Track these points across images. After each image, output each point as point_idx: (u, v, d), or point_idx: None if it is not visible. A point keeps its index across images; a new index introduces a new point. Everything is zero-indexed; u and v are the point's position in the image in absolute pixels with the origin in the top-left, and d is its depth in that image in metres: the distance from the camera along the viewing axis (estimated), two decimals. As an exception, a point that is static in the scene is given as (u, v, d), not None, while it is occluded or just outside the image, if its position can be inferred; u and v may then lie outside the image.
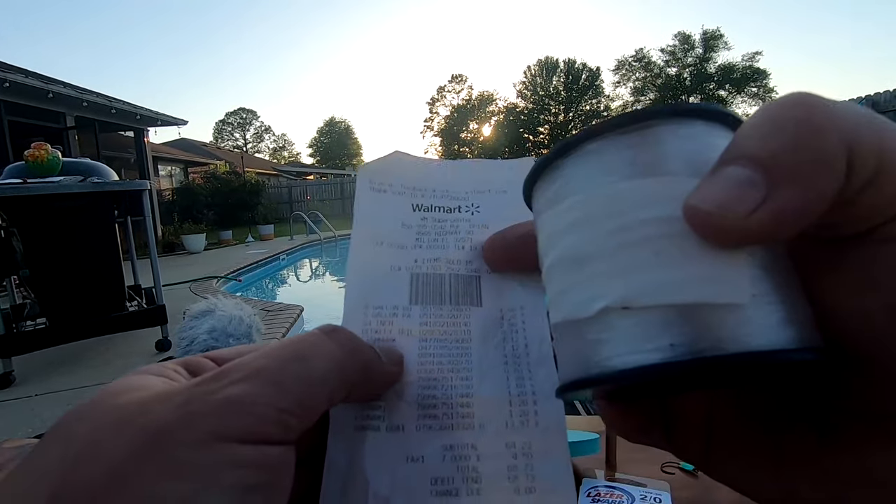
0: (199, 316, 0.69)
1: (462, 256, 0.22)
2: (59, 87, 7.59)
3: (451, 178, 0.24)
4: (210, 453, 0.13)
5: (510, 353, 0.20)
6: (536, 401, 0.19)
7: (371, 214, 0.23)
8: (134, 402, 0.14)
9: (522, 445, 0.18)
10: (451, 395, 0.19)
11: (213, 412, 0.13)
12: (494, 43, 76.20)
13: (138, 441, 0.13)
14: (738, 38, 57.96)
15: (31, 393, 2.63)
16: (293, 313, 3.66)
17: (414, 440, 0.18)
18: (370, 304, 0.21)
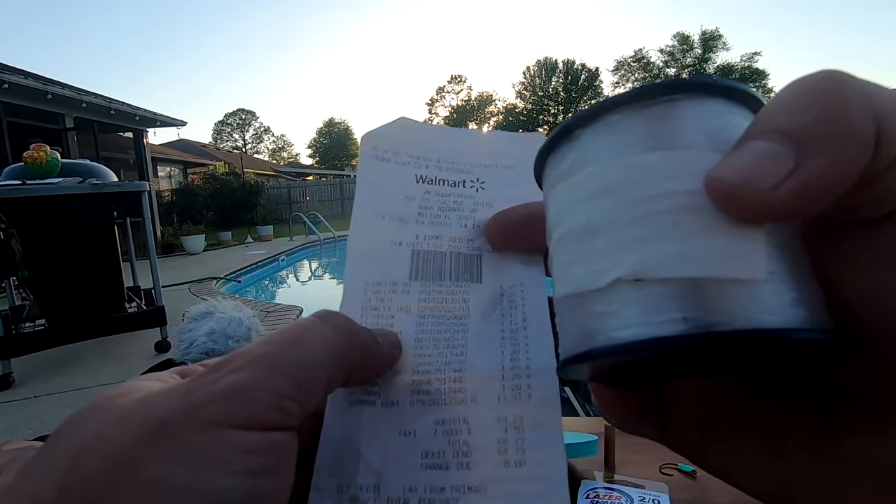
0: (199, 318, 0.69)
1: (464, 234, 0.22)
2: (57, 88, 7.59)
3: (458, 148, 0.24)
4: (215, 440, 0.13)
5: (507, 328, 0.20)
6: (530, 374, 0.19)
7: (373, 185, 0.22)
8: (136, 399, 0.14)
9: (514, 419, 0.18)
10: (445, 371, 0.19)
11: (214, 400, 0.13)
12: (493, 43, 76.27)
13: (143, 431, 0.13)
14: (737, 39, 58.08)
15: (30, 394, 2.63)
16: (293, 314, 3.66)
17: (407, 415, 0.18)
18: (370, 280, 0.21)
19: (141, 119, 9.85)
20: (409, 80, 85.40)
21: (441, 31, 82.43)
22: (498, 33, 76.91)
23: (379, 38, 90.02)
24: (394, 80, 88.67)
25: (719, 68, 30.95)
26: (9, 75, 6.71)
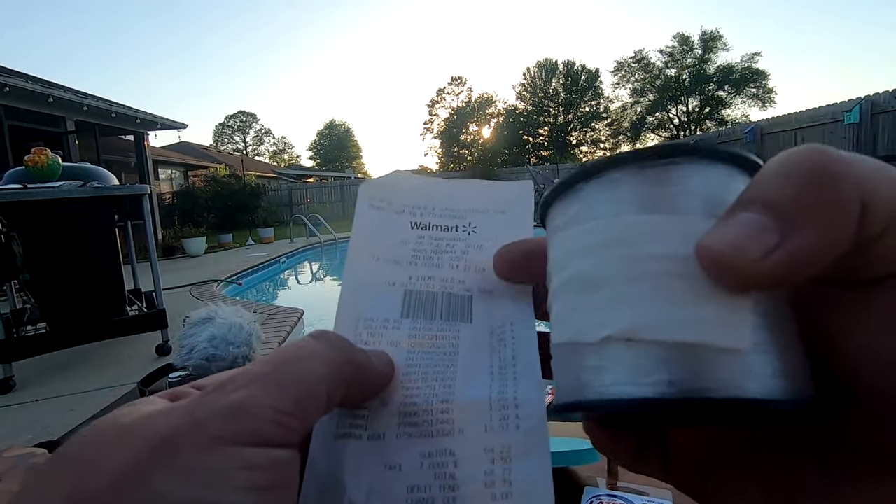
0: (199, 323, 0.68)
1: (456, 275, 0.23)
2: (59, 91, 7.60)
3: (451, 196, 0.25)
4: (219, 456, 0.13)
5: (496, 364, 0.20)
6: (518, 404, 0.19)
7: (369, 231, 0.23)
8: (137, 419, 0.14)
9: (501, 450, 0.18)
10: (432, 402, 0.19)
11: (216, 418, 0.14)
12: (494, 45, 76.33)
13: (148, 448, 0.13)
14: (737, 39, 58.11)
15: (31, 398, 2.63)
16: (294, 316, 3.65)
17: (393, 448, 0.18)
18: (362, 316, 0.21)
19: (142, 122, 9.86)
20: (410, 81, 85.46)
21: (441, 32, 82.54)
22: (498, 35, 77.00)
23: (379, 39, 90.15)
24: (394, 82, 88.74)
25: (719, 69, 30.87)
26: (10, 79, 6.72)
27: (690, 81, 31.64)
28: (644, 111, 33.83)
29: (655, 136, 33.76)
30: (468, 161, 35.18)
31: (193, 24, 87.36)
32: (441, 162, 40.27)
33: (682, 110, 32.75)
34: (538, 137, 37.30)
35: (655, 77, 32.87)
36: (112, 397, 0.90)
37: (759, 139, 10.27)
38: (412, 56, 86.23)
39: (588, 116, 36.76)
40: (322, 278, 7.94)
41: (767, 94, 30.17)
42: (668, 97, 32.50)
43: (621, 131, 35.67)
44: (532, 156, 36.40)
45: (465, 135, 39.23)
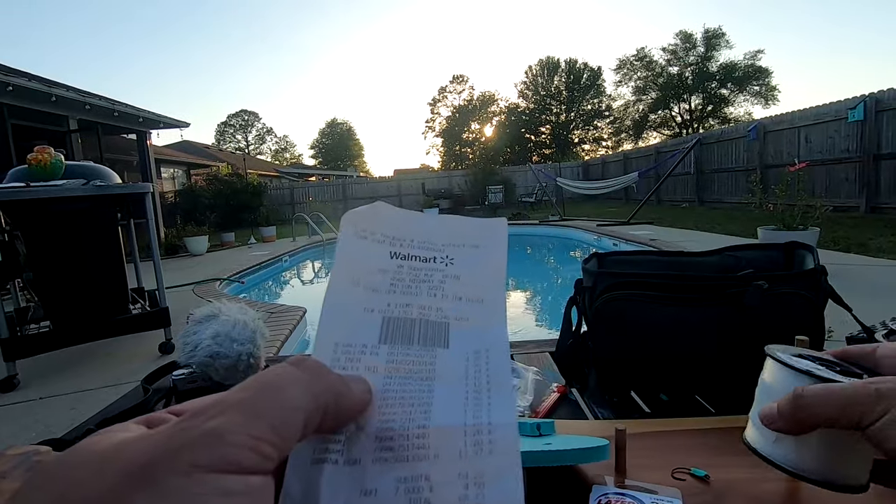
0: (203, 321, 0.68)
1: (433, 303, 0.23)
2: (61, 90, 7.62)
3: (429, 230, 0.26)
4: (195, 483, 0.13)
5: (471, 388, 0.21)
6: (491, 430, 0.19)
7: (351, 257, 0.24)
8: (112, 446, 0.15)
9: (475, 475, 0.18)
10: (408, 427, 0.19)
11: (193, 445, 0.14)
12: (495, 43, 76.20)
13: (125, 475, 0.13)
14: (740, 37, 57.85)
15: (34, 396, 2.64)
16: (296, 315, 3.65)
17: (369, 473, 0.18)
18: (340, 341, 0.21)
19: (144, 121, 9.88)
20: (412, 80, 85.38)
21: (443, 31, 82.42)
22: (500, 33, 76.86)
23: (381, 38, 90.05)
24: (396, 81, 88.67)
25: (722, 66, 30.73)
26: (13, 78, 6.74)
27: (693, 79, 31.53)
28: (646, 109, 33.75)
29: (658, 134, 33.69)
30: (470, 160, 35.11)
31: (195, 24, 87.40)
32: (443, 161, 40.24)
33: (685, 108, 32.65)
34: (540, 136, 37.25)
35: (658, 75, 32.77)
36: (115, 395, 0.90)
37: (761, 137, 10.24)
38: (414, 55, 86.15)
39: (590, 115, 36.69)
40: (324, 277, 7.95)
41: (770, 91, 30.06)
42: (670, 95, 32.39)
43: (623, 129, 35.60)
44: (534, 154, 36.34)
45: (466, 133, 39.20)
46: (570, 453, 0.43)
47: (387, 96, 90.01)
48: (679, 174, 12.94)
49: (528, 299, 5.92)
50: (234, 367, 0.65)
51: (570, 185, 12.75)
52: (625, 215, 9.96)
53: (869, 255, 4.78)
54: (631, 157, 17.11)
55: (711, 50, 31.13)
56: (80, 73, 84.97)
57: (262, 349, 0.70)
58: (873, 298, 3.28)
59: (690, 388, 0.73)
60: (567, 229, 9.57)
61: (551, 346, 0.94)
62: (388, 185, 20.55)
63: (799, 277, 0.71)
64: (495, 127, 38.36)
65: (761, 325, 0.68)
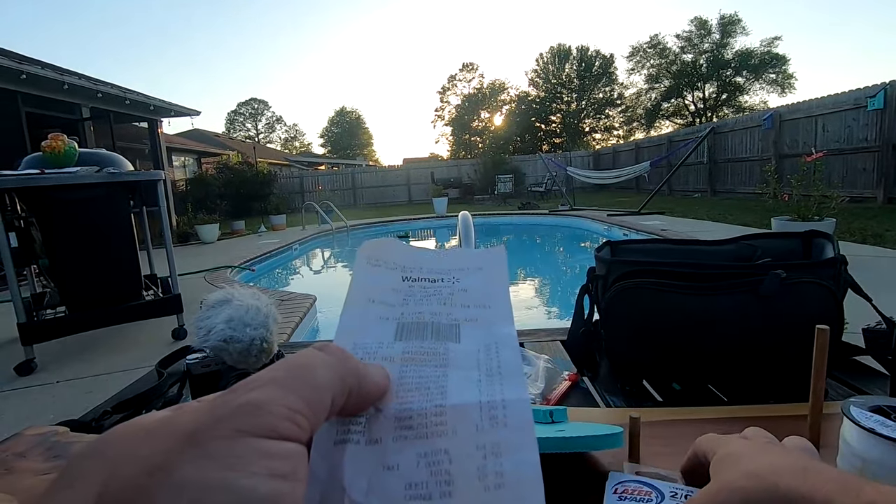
0: (216, 306, 0.68)
1: (444, 310, 0.25)
2: (74, 78, 7.67)
3: (436, 261, 0.28)
4: (240, 445, 0.14)
5: (484, 372, 0.22)
6: (506, 405, 0.20)
7: (365, 281, 0.26)
8: (158, 419, 0.16)
9: (492, 446, 0.19)
10: (426, 407, 0.21)
11: (236, 413, 0.15)
12: (506, 31, 75.28)
13: (174, 441, 0.14)
14: (757, 23, 56.55)
15: (52, 380, 2.69)
16: (306, 302, 3.68)
17: (391, 450, 0.19)
18: (358, 342, 0.23)
19: (155, 109, 9.93)
20: (421, 68, 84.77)
21: (453, 19, 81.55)
22: (510, 20, 75.88)
23: (391, 26, 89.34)
24: (406, 69, 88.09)
25: (737, 54, 30.08)
26: (27, 66, 6.79)
27: (707, 67, 30.93)
28: (659, 98, 33.22)
29: (671, 123, 33.19)
30: (480, 148, 34.91)
31: (206, 12, 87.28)
32: (452, 149, 40.06)
33: (699, 97, 32.10)
34: (551, 124, 36.88)
35: (671, 62, 32.18)
36: (130, 380, 0.91)
37: (777, 126, 10.04)
38: (424, 43, 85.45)
39: (602, 103, 36.22)
40: (334, 265, 7.99)
41: (787, 79, 29.43)
42: (684, 83, 31.84)
43: (635, 118, 35.12)
44: (544, 143, 36.02)
45: (476, 122, 38.91)
46: (584, 440, 0.43)
47: (396, 85, 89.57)
48: (691, 164, 12.77)
49: (538, 288, 5.91)
50: (247, 351, 0.66)
51: (581, 175, 12.64)
52: (636, 205, 9.87)
53: (886, 247, 4.70)
54: (643, 146, 16.90)
55: (727, 37, 30.48)
56: (92, 63, 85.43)
57: (275, 334, 0.71)
58: (890, 290, 3.23)
59: (704, 378, 0.72)
60: (577, 219, 9.51)
61: (562, 335, 0.94)
62: (397, 174, 20.51)
63: (818, 266, 0.69)
64: (505, 115, 38.03)
65: (779, 314, 0.67)
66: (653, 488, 0.36)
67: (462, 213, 1.22)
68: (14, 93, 6.90)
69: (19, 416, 2.27)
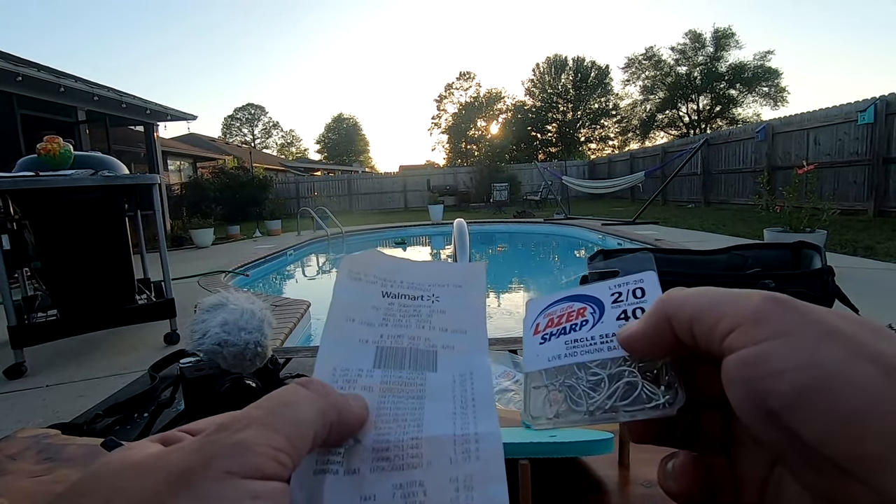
0: (211, 309, 0.69)
1: (422, 334, 0.26)
2: (70, 81, 7.65)
3: (416, 273, 0.29)
4: (229, 487, 0.15)
5: (458, 404, 0.23)
6: (478, 438, 0.21)
7: (346, 297, 0.27)
8: (148, 456, 0.17)
9: (464, 478, 0.20)
10: (403, 439, 0.21)
11: (225, 454, 0.16)
12: (503, 40, 75.92)
13: (166, 482, 0.15)
14: (750, 37, 57.37)
15: (42, 384, 2.66)
16: (301, 308, 3.67)
17: (368, 481, 0.20)
18: (338, 366, 0.24)
19: (151, 113, 9.91)
20: (418, 76, 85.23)
21: (450, 28, 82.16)
22: (508, 30, 76.55)
23: (388, 34, 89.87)
24: (403, 77, 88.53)
25: (731, 67, 30.45)
26: (22, 68, 6.77)
27: (701, 79, 31.29)
28: (654, 109, 33.54)
29: (665, 133, 33.49)
30: (476, 156, 35.02)
31: (203, 16, 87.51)
32: (448, 157, 40.18)
33: (693, 108, 32.43)
34: (546, 134, 37.10)
35: (666, 74, 32.54)
36: (122, 384, 0.91)
37: (770, 138, 10.16)
38: (421, 50, 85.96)
39: (597, 113, 36.50)
40: (329, 271, 7.97)
41: (780, 93, 29.81)
42: (678, 95, 32.18)
43: (631, 129, 35.41)
44: (540, 152, 36.20)
45: (472, 130, 39.09)
46: (574, 445, 0.43)
47: (393, 92, 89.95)
48: (686, 174, 12.87)
49: (532, 297, 5.91)
50: (241, 355, 0.66)
51: (576, 184, 12.71)
52: (630, 215, 9.92)
53: (876, 259, 4.75)
54: (637, 156, 17.03)
55: (721, 50, 30.88)
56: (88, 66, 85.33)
57: (270, 338, 0.71)
58: (881, 301, 3.26)
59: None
60: (572, 228, 9.54)
61: (556, 342, 0.94)
62: (393, 181, 20.54)
63: (806, 277, 0.71)
64: (501, 124, 38.23)
65: (767, 323, 0.68)
66: (586, 301, 0.26)
67: (457, 221, 1.23)
68: (10, 95, 6.88)
69: (9, 419, 2.25)
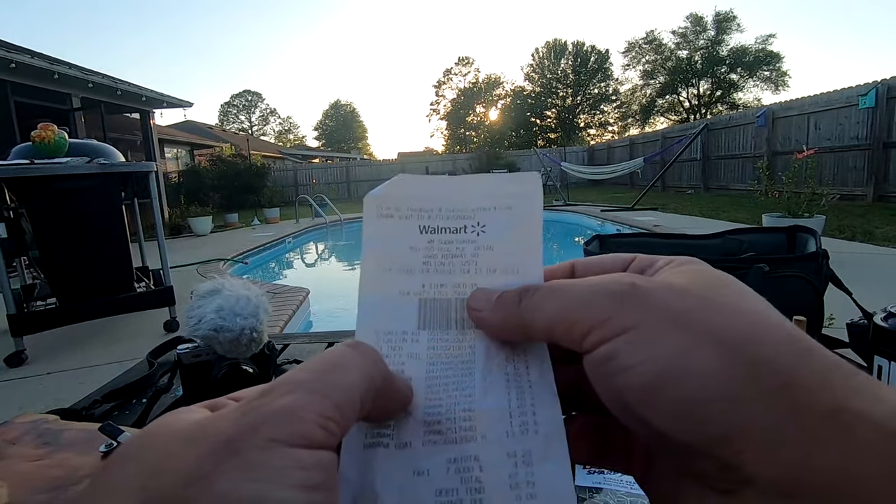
0: (207, 295, 0.69)
1: (468, 280, 0.23)
2: (64, 67, 7.57)
3: (457, 195, 0.24)
4: (275, 456, 0.14)
5: (511, 372, 0.21)
6: (536, 411, 0.19)
7: (379, 240, 0.23)
8: (193, 423, 0.16)
9: (523, 454, 0.19)
10: (455, 411, 0.20)
11: (270, 421, 0.15)
12: (502, 25, 75.00)
13: (211, 449, 0.14)
14: (752, 20, 56.70)
15: (43, 371, 2.68)
16: (299, 295, 3.68)
17: (420, 455, 0.19)
18: (381, 329, 0.22)
19: (147, 100, 9.82)
20: (416, 61, 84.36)
21: (448, 12, 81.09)
22: (506, 15, 75.58)
23: (386, 19, 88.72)
24: (400, 62, 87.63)
25: (732, 51, 30.18)
26: (16, 54, 6.69)
27: (702, 64, 30.99)
28: (654, 94, 33.28)
29: (665, 119, 33.27)
30: (475, 143, 34.85)
31: (201, 2, 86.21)
32: (447, 144, 39.97)
33: (693, 93, 32.18)
34: (546, 119, 36.86)
35: (666, 59, 32.22)
36: (121, 371, 0.92)
37: (770, 123, 10.10)
38: (419, 36, 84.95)
39: (597, 99, 36.24)
40: (327, 258, 7.98)
41: (781, 77, 29.57)
42: (678, 80, 31.90)
43: (630, 114, 35.19)
44: (539, 138, 36.00)
45: (471, 116, 38.83)
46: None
47: (391, 78, 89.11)
48: (685, 160, 12.82)
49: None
50: (237, 341, 0.66)
51: (575, 170, 12.67)
52: (629, 201, 9.91)
53: (875, 244, 4.75)
54: (637, 142, 16.94)
55: (722, 33, 30.55)
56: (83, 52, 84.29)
57: (265, 324, 0.71)
58: (879, 287, 3.27)
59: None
60: (571, 214, 9.54)
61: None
62: (391, 168, 20.45)
63: (800, 261, 0.71)
64: (500, 110, 37.97)
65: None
66: None
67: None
68: (3, 82, 6.81)
69: (10, 406, 2.26)
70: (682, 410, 0.15)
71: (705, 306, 0.17)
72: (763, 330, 0.16)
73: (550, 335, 0.19)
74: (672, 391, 0.15)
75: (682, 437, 0.15)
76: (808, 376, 0.15)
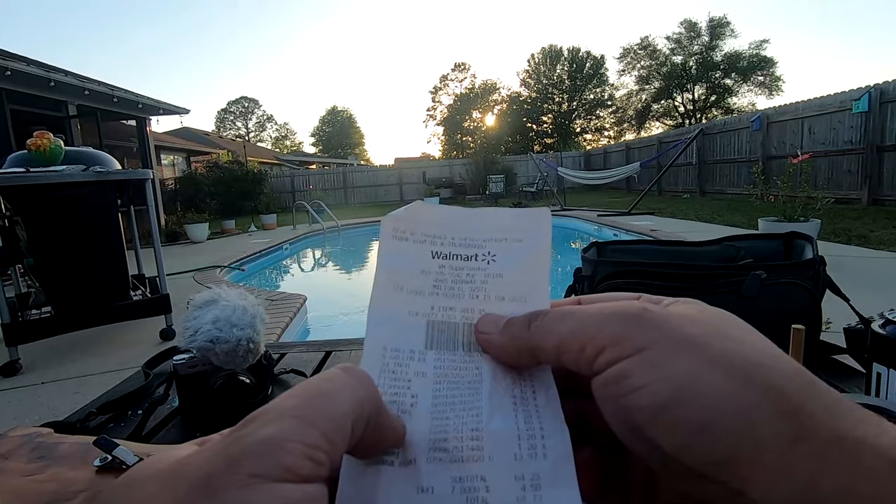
0: (203, 306, 0.68)
1: (476, 305, 0.24)
2: (60, 75, 7.56)
3: (469, 226, 0.25)
4: (256, 493, 0.13)
5: (518, 396, 0.21)
6: (544, 435, 0.19)
7: (392, 261, 0.24)
8: (174, 462, 0.15)
9: (531, 477, 0.18)
10: (462, 430, 0.19)
11: (251, 454, 0.14)
12: (498, 31, 75.46)
13: (189, 490, 0.14)
14: (746, 26, 57.18)
15: (37, 381, 2.66)
16: (297, 302, 3.67)
17: (425, 473, 0.18)
18: (388, 346, 0.22)
19: (144, 107, 9.82)
20: (413, 67, 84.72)
21: (444, 18, 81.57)
22: (502, 21, 76.06)
23: (382, 25, 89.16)
24: (397, 69, 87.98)
25: (726, 56, 30.38)
26: (12, 62, 6.68)
27: (697, 69, 31.19)
28: (649, 99, 33.46)
29: (661, 124, 33.45)
30: (471, 148, 34.92)
31: (197, 9, 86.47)
32: (444, 149, 40.04)
33: (688, 98, 32.37)
34: (542, 125, 37.00)
35: (661, 64, 32.41)
36: (117, 380, 0.91)
37: (765, 128, 10.17)
38: (415, 42, 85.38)
39: (592, 104, 36.41)
40: (325, 265, 7.96)
41: (775, 82, 29.76)
42: (673, 85, 32.09)
43: (626, 119, 35.35)
44: (536, 143, 36.12)
45: (468, 122, 38.91)
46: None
47: (388, 84, 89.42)
48: (681, 164, 12.88)
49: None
50: (233, 352, 0.66)
51: (572, 175, 12.70)
52: (626, 205, 9.94)
53: (870, 248, 4.78)
54: (633, 147, 17.02)
55: (716, 39, 30.76)
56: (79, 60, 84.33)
57: (262, 334, 0.71)
58: (874, 290, 3.29)
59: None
60: (568, 219, 9.55)
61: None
62: (388, 174, 20.46)
63: (797, 267, 0.71)
64: (497, 116, 38.07)
65: (760, 314, 0.69)
66: None
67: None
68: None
69: (4, 417, 2.24)
70: (692, 431, 0.15)
71: (716, 333, 0.17)
72: (772, 359, 0.16)
73: (560, 356, 0.19)
74: (683, 411, 0.16)
75: (689, 459, 0.15)
76: (815, 405, 0.15)
